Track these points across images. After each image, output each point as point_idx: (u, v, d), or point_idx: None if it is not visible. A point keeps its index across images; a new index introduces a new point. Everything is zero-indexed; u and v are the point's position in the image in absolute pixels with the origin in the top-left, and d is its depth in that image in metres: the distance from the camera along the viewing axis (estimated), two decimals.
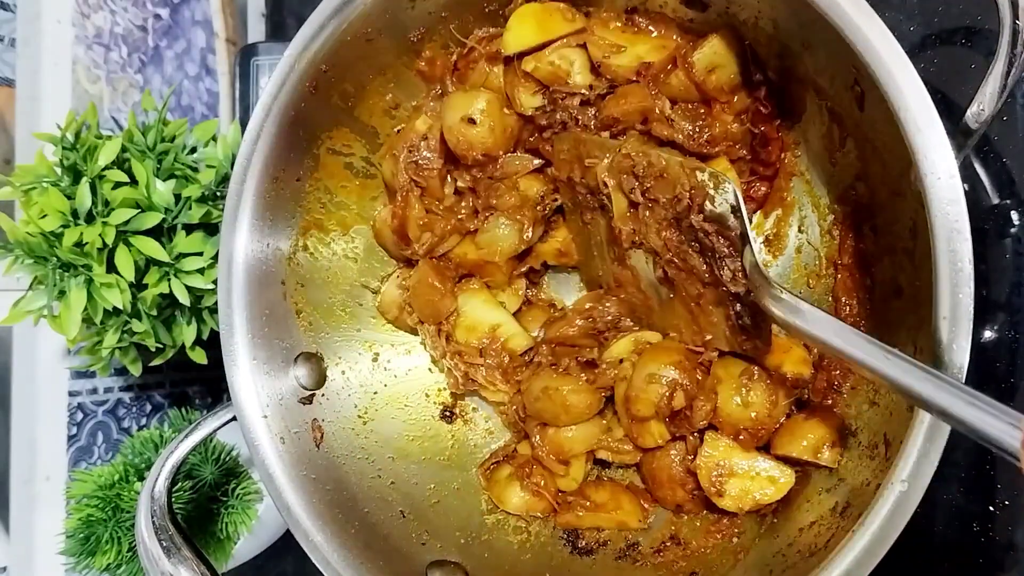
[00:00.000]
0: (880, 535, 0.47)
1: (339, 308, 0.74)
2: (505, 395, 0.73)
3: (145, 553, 0.58)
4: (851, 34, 0.47)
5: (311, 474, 0.63)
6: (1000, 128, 0.66)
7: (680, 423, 0.65)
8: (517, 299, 0.76)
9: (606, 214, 0.66)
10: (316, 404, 0.68)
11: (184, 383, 1.03)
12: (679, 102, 0.66)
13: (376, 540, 0.64)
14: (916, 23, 0.70)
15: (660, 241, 0.62)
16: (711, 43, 0.62)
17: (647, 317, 0.69)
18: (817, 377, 0.63)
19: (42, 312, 0.73)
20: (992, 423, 0.38)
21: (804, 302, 0.51)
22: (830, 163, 0.63)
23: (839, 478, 0.57)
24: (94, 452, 0.92)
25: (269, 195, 0.65)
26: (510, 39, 0.65)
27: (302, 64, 0.62)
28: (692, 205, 0.57)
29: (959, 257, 0.44)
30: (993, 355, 0.65)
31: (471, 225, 0.72)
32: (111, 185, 0.72)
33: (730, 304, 0.60)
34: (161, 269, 0.74)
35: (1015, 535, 0.64)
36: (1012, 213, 0.65)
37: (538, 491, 0.70)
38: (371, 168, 0.74)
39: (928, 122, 0.45)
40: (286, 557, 0.95)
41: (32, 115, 0.86)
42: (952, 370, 0.44)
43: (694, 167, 0.57)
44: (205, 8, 1.06)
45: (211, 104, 1.06)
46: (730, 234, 0.56)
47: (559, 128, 0.69)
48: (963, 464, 0.66)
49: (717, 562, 0.62)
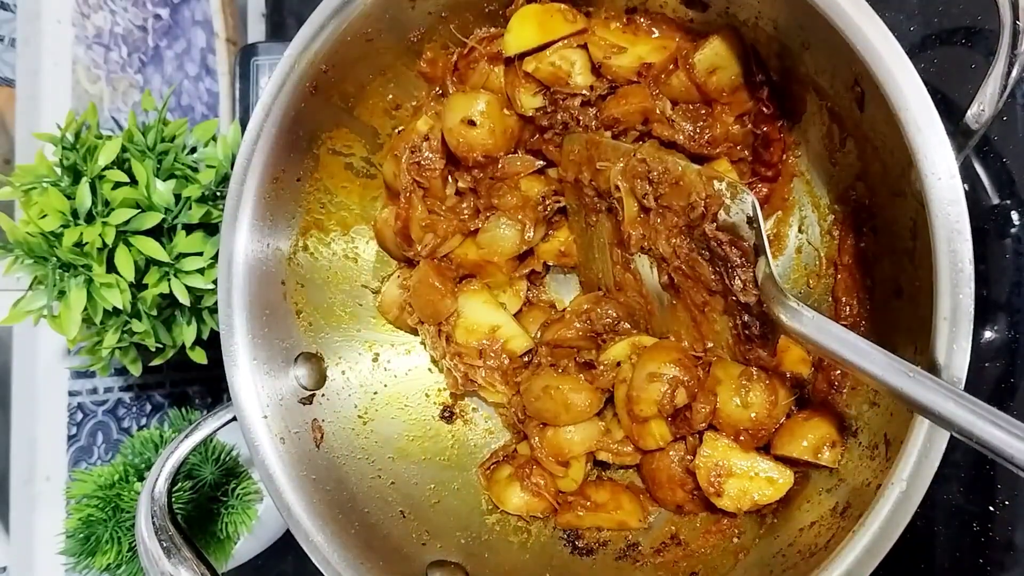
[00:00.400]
0: (880, 535, 0.47)
1: (339, 308, 0.74)
2: (504, 396, 0.73)
3: (145, 553, 0.58)
4: (851, 34, 0.47)
5: (311, 474, 0.63)
6: (1000, 128, 0.66)
7: (680, 424, 0.65)
8: (518, 300, 0.76)
9: (613, 217, 0.66)
10: (316, 404, 0.68)
11: (184, 383, 1.03)
12: (680, 103, 0.66)
13: (376, 540, 0.64)
14: (916, 23, 0.70)
15: (669, 248, 0.62)
16: (712, 44, 0.62)
17: (646, 321, 0.69)
18: (817, 377, 0.63)
19: (42, 312, 0.73)
20: (1020, 447, 0.39)
21: (821, 315, 0.51)
22: (830, 163, 0.63)
23: (839, 478, 0.57)
24: (94, 452, 0.92)
25: (269, 195, 0.65)
26: (511, 40, 0.65)
27: (302, 64, 0.62)
28: (706, 213, 0.57)
29: (959, 257, 0.44)
30: (993, 355, 0.65)
31: (473, 225, 0.72)
32: (111, 185, 0.72)
33: (737, 314, 0.59)
34: (161, 269, 0.74)
35: (1015, 535, 0.64)
36: (1012, 213, 0.65)
37: (538, 491, 0.70)
38: (371, 168, 0.74)
39: (928, 122, 0.45)
40: (286, 557, 0.95)
41: (32, 115, 0.86)
42: (952, 371, 0.44)
43: (711, 176, 0.57)
44: (205, 8, 1.06)
45: (211, 104, 1.06)
46: (743, 244, 0.56)
47: (560, 129, 0.69)
48: (963, 464, 0.66)
49: (717, 562, 0.62)
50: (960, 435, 0.41)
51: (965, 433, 0.41)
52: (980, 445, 0.40)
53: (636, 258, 0.66)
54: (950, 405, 0.41)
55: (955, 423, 0.41)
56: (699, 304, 0.62)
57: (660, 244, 0.62)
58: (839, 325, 0.50)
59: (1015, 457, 0.39)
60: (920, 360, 0.45)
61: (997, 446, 0.39)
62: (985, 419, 0.40)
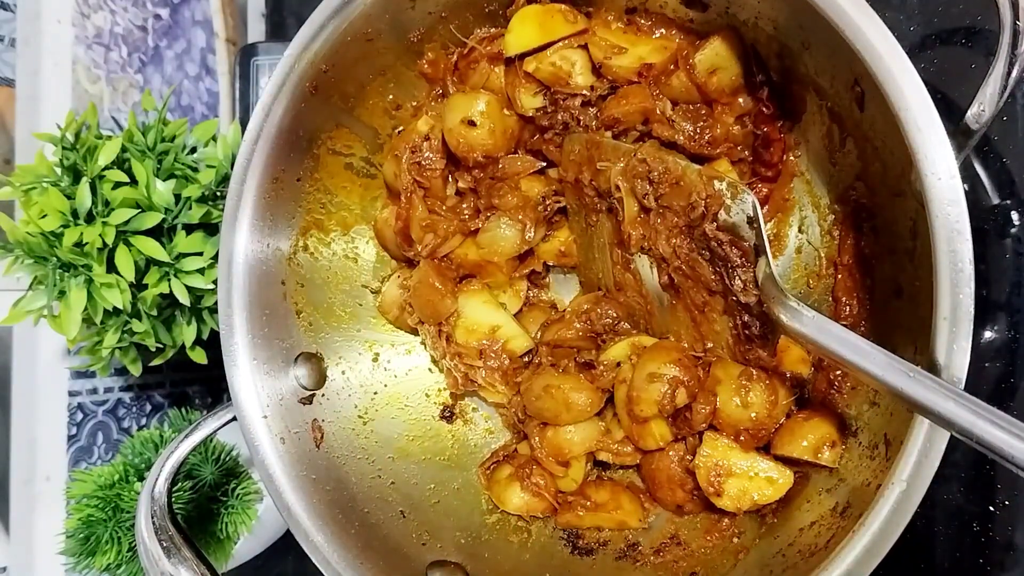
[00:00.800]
0: (880, 535, 0.47)
1: (339, 308, 0.74)
2: (504, 396, 0.73)
3: (145, 553, 0.58)
4: (851, 34, 0.47)
5: (311, 474, 0.63)
6: (1000, 128, 0.66)
7: (681, 425, 0.65)
8: (518, 300, 0.76)
9: (613, 217, 0.66)
10: (316, 404, 0.68)
11: (184, 383, 1.03)
12: (680, 103, 0.66)
13: (376, 540, 0.64)
14: (916, 23, 0.70)
15: (669, 248, 0.62)
16: (712, 44, 0.62)
17: (646, 322, 0.69)
18: (817, 377, 0.63)
19: (42, 312, 0.73)
20: (1020, 447, 0.39)
21: (821, 315, 0.51)
22: (830, 163, 0.63)
23: (839, 478, 0.57)
24: (94, 452, 0.92)
25: (269, 195, 0.65)
26: (512, 40, 0.65)
27: (302, 64, 0.62)
28: (707, 213, 0.57)
29: (959, 257, 0.44)
30: (993, 355, 0.65)
31: (473, 225, 0.72)
32: (111, 185, 0.72)
33: (738, 314, 0.59)
34: (161, 269, 0.74)
35: (1015, 535, 0.64)
36: (1012, 213, 0.65)
37: (538, 491, 0.70)
38: (371, 168, 0.74)
39: (928, 122, 0.45)
40: (286, 557, 0.95)
41: (32, 115, 0.86)
42: (952, 371, 0.44)
43: (712, 176, 0.57)
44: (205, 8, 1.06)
45: (211, 104, 1.06)
46: (743, 244, 0.56)
47: (560, 129, 0.69)
48: (963, 464, 0.66)
49: (717, 562, 0.62)
50: (960, 435, 0.41)
51: (965, 433, 0.41)
52: (980, 445, 0.40)
53: (636, 258, 0.66)
54: (950, 405, 0.41)
55: (955, 423, 0.41)
56: (699, 304, 0.62)
57: (660, 244, 0.62)
58: (839, 325, 0.50)
59: (1015, 457, 0.39)
60: (920, 360, 0.45)
61: (997, 446, 0.39)
62: (985, 419, 0.40)
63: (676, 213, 0.60)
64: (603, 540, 0.70)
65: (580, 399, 0.68)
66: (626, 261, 0.67)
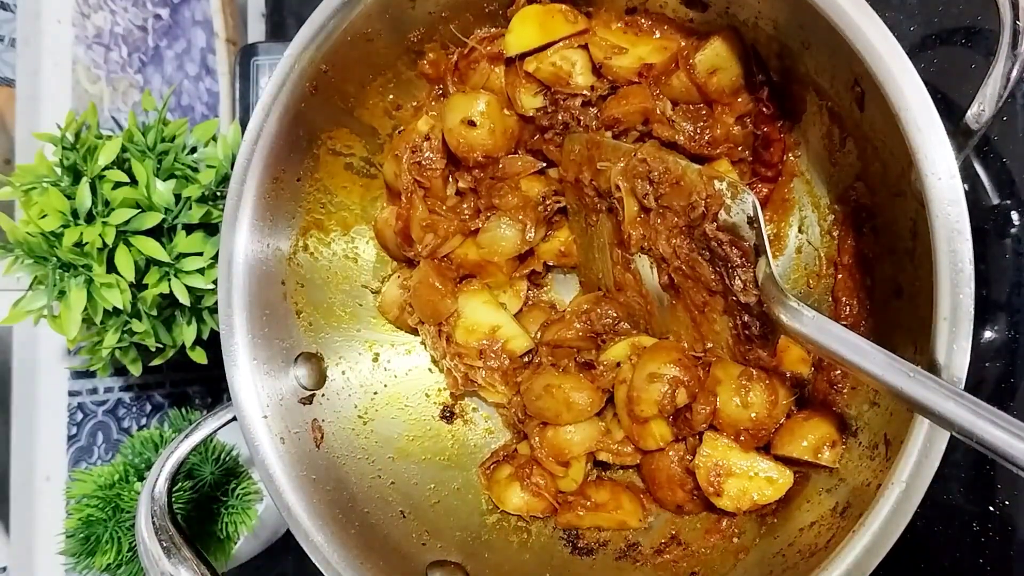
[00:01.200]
0: (880, 535, 0.47)
1: (339, 308, 0.74)
2: (504, 396, 0.73)
3: (145, 553, 0.58)
4: (851, 34, 0.47)
5: (311, 474, 0.63)
6: (1000, 128, 0.66)
7: (681, 425, 0.65)
8: (518, 300, 0.76)
9: (613, 217, 0.66)
10: (316, 404, 0.68)
11: (184, 383, 1.03)
12: (681, 103, 0.66)
13: (376, 540, 0.64)
14: (916, 23, 0.70)
15: (669, 248, 0.62)
16: (713, 45, 0.62)
17: (646, 322, 0.69)
18: (817, 377, 0.63)
19: (42, 312, 0.73)
20: (1020, 447, 0.39)
21: (821, 315, 0.51)
22: (830, 163, 0.63)
23: (839, 478, 0.57)
24: (94, 452, 0.92)
25: (269, 195, 0.65)
26: (512, 40, 0.65)
27: (302, 64, 0.62)
28: (707, 213, 0.57)
29: (959, 257, 0.44)
30: (993, 355, 0.65)
31: (473, 225, 0.72)
32: (111, 185, 0.72)
33: (738, 314, 0.59)
34: (161, 269, 0.74)
35: (1015, 535, 0.64)
36: (1012, 213, 0.65)
37: (538, 491, 0.70)
38: (371, 168, 0.74)
39: (928, 122, 0.45)
40: (286, 557, 0.95)
41: (32, 115, 0.86)
42: (952, 371, 0.44)
43: (712, 175, 0.57)
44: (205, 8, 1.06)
45: (211, 104, 1.06)
46: (743, 244, 0.56)
47: (561, 129, 0.69)
48: (963, 464, 0.66)
49: (717, 562, 0.62)
50: (960, 435, 0.41)
51: (965, 433, 0.41)
52: (980, 445, 0.40)
53: (636, 258, 0.66)
54: (950, 405, 0.41)
55: (955, 423, 0.41)
56: (699, 304, 0.62)
57: (660, 244, 0.62)
58: (839, 325, 0.50)
59: (1015, 457, 0.39)
60: (920, 360, 0.45)
61: (997, 446, 0.39)
62: (985, 419, 0.40)
63: (676, 213, 0.60)
64: (603, 540, 0.70)
65: (580, 399, 0.68)
66: (626, 261, 0.67)
